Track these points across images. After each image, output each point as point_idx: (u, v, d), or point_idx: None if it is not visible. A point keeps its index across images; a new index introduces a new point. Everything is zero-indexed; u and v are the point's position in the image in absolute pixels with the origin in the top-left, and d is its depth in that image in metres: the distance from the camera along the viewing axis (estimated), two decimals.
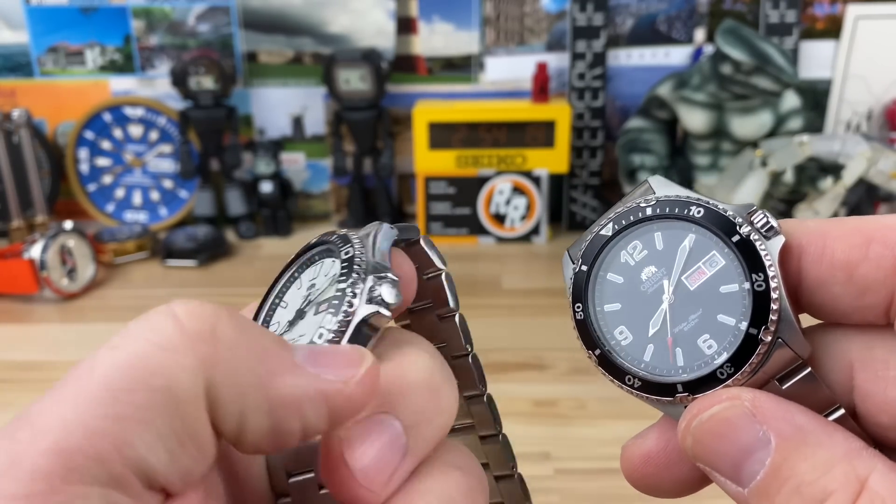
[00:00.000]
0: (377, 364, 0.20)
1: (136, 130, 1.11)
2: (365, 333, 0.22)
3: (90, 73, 1.10)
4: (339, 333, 0.22)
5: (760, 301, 0.22)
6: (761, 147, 0.87)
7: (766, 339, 0.22)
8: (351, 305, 0.22)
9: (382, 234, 0.24)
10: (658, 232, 0.24)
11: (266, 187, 1.07)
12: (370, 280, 0.23)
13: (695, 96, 0.93)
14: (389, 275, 0.23)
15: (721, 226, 0.23)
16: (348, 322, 0.22)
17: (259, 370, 0.19)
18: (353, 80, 1.02)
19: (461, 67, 1.09)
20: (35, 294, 0.88)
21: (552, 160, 1.03)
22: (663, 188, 0.25)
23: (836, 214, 0.89)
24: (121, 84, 1.10)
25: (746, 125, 0.91)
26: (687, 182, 0.98)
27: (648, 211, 0.25)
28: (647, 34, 1.06)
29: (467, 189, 1.04)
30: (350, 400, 0.20)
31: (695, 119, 0.93)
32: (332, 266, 0.25)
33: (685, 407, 0.23)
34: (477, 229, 1.06)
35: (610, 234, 0.25)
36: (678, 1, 1.05)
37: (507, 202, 1.04)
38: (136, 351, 0.18)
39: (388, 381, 0.21)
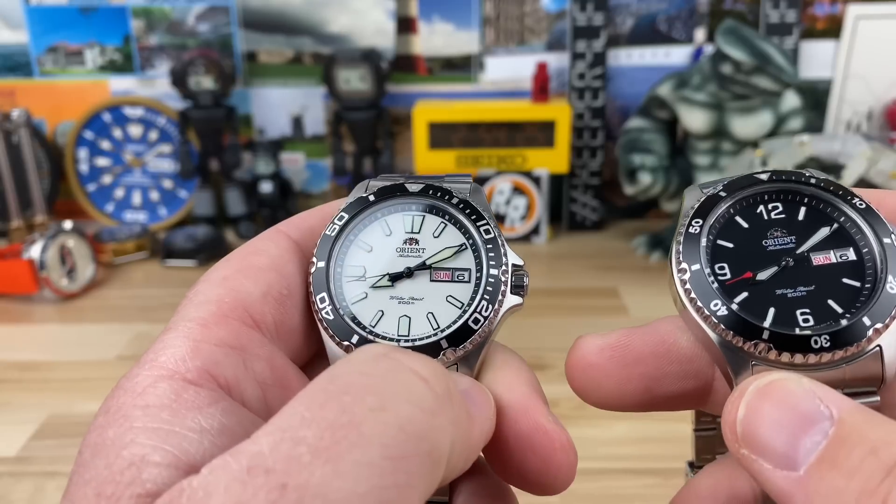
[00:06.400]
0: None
1: (135, 130, 1.11)
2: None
3: (90, 72, 1.10)
4: (491, 321, 0.24)
5: (886, 300, 0.23)
6: (761, 147, 0.87)
7: (867, 347, 0.22)
8: (504, 294, 0.24)
9: (489, 212, 0.26)
10: (804, 208, 0.25)
11: (266, 187, 1.06)
12: (511, 268, 0.25)
13: (695, 96, 0.93)
14: (523, 266, 0.25)
15: (875, 228, 0.24)
16: (498, 311, 0.24)
17: (469, 422, 0.21)
18: (353, 80, 1.02)
19: (461, 67, 1.09)
20: (35, 294, 0.88)
21: (552, 160, 1.02)
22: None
23: None
24: (120, 84, 1.10)
25: (747, 125, 0.91)
26: (686, 182, 0.97)
27: (812, 181, 0.25)
28: (647, 34, 1.06)
29: None
30: (489, 435, 0.22)
31: (695, 119, 0.93)
32: (438, 225, 0.26)
33: (750, 361, 0.23)
34: None
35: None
36: (678, 1, 1.05)
37: (507, 202, 1.04)
38: (405, 415, 0.18)
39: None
